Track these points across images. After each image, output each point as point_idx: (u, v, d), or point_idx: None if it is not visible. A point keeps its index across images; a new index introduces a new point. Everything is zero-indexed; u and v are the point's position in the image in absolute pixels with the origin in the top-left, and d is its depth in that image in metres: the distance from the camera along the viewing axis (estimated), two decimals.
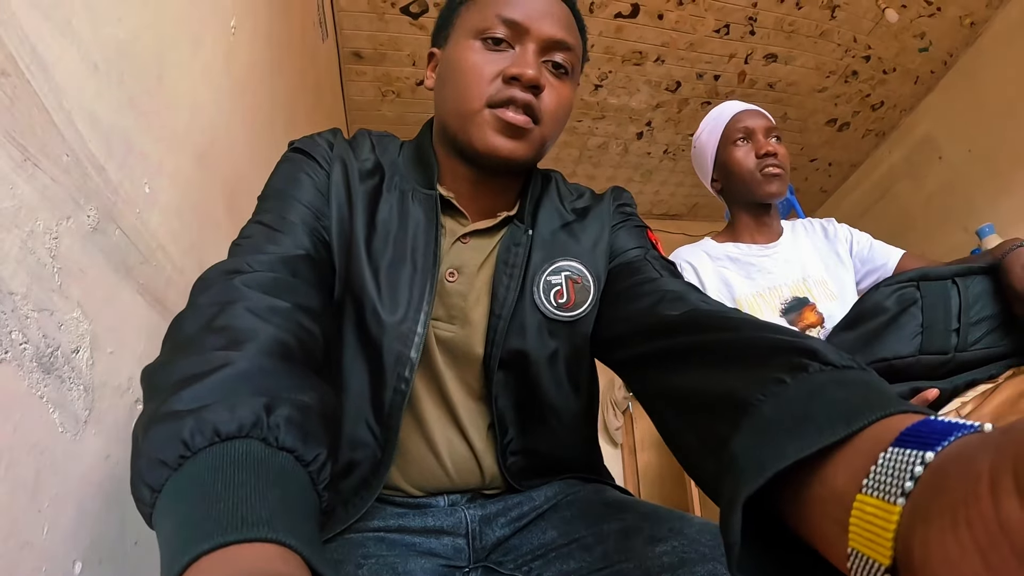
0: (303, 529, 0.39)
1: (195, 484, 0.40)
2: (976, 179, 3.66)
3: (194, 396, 0.43)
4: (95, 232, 0.69)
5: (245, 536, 0.35)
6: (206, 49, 1.10)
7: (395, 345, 0.69)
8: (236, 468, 0.40)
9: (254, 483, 0.39)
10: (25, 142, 0.57)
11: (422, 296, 0.70)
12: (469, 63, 0.72)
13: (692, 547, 0.58)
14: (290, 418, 0.44)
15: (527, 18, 0.72)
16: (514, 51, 0.72)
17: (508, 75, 0.70)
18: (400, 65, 3.42)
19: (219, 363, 0.46)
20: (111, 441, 0.69)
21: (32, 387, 0.55)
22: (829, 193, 5.15)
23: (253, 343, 0.50)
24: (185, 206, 0.96)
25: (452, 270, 0.75)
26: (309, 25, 2.35)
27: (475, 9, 0.75)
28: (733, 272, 1.31)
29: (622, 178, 4.82)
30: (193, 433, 0.41)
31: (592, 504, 0.71)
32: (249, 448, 0.41)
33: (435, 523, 0.70)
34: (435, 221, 0.74)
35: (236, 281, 0.56)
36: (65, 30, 0.64)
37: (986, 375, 0.89)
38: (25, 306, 0.55)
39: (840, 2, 3.39)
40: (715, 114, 1.42)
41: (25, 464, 0.54)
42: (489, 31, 0.72)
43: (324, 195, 0.73)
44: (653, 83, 3.84)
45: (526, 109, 0.71)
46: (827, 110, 4.22)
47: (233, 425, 0.42)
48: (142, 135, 0.82)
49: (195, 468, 0.40)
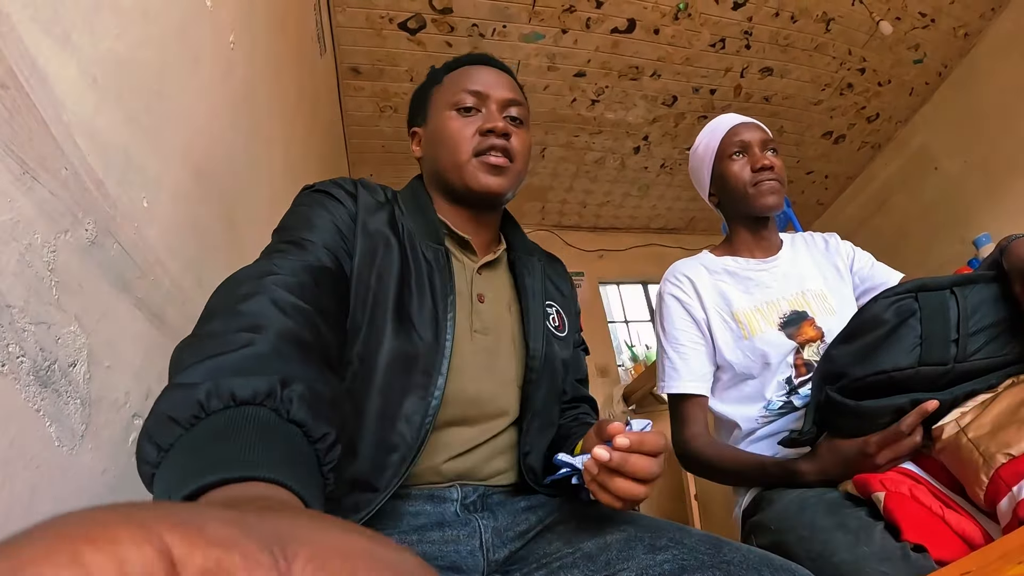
0: (309, 483, 0.40)
1: (205, 436, 0.41)
2: (972, 189, 3.68)
3: (214, 367, 0.46)
4: (93, 246, 0.69)
5: (250, 474, 0.36)
6: (205, 64, 1.11)
7: (430, 358, 0.79)
8: (248, 427, 0.42)
9: (264, 441, 0.41)
10: (24, 155, 0.57)
11: (446, 314, 0.82)
12: (453, 128, 0.93)
13: (691, 555, 0.63)
14: (302, 395, 0.46)
15: (486, 87, 0.96)
16: (482, 113, 0.95)
17: (484, 129, 0.92)
18: (398, 81, 3.44)
19: (241, 343, 0.49)
20: (108, 456, 0.68)
21: (29, 400, 0.55)
22: (826, 206, 5.17)
23: (273, 330, 0.53)
24: (183, 221, 0.96)
25: (480, 294, 0.91)
26: (307, 40, 2.37)
27: (445, 90, 0.98)
28: (731, 286, 1.31)
29: (619, 192, 4.84)
30: (209, 396, 0.43)
31: (594, 516, 0.75)
32: (259, 414, 0.43)
33: (453, 533, 0.74)
34: (446, 262, 0.88)
35: (266, 280, 0.61)
36: (65, 44, 0.65)
37: (985, 385, 0.89)
38: (22, 319, 0.55)
39: (835, 15, 3.42)
40: (711, 127, 1.42)
41: (21, 478, 0.53)
42: (460, 102, 0.95)
43: (351, 223, 0.82)
44: (649, 98, 3.86)
45: (503, 152, 0.92)
46: (823, 123, 4.24)
47: (248, 391, 0.43)
48: (141, 149, 0.82)
49: (207, 425, 0.42)
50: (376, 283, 0.80)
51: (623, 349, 4.88)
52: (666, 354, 1.31)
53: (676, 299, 1.33)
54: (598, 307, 5.05)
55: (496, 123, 0.92)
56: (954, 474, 0.85)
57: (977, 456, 0.78)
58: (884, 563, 0.78)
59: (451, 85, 0.98)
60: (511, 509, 0.81)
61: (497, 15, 3.15)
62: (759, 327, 1.23)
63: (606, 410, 4.13)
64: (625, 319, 5.30)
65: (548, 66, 3.52)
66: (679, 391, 1.27)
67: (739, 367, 1.23)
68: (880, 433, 0.92)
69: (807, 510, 0.95)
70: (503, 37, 3.28)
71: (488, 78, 0.97)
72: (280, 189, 1.70)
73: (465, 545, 0.74)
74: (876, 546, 0.81)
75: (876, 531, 0.84)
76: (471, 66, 1.00)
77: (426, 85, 1.04)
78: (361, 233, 0.82)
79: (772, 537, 0.97)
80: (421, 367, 0.78)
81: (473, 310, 0.89)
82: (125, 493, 0.71)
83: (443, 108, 0.96)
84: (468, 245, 0.95)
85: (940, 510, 0.82)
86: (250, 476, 0.36)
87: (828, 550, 0.85)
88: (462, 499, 0.80)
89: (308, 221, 0.79)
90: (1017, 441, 0.75)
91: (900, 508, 0.83)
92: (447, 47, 3.28)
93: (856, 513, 0.89)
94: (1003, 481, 0.74)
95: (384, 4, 2.99)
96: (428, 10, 3.06)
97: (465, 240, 0.94)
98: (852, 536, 0.85)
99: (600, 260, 5.25)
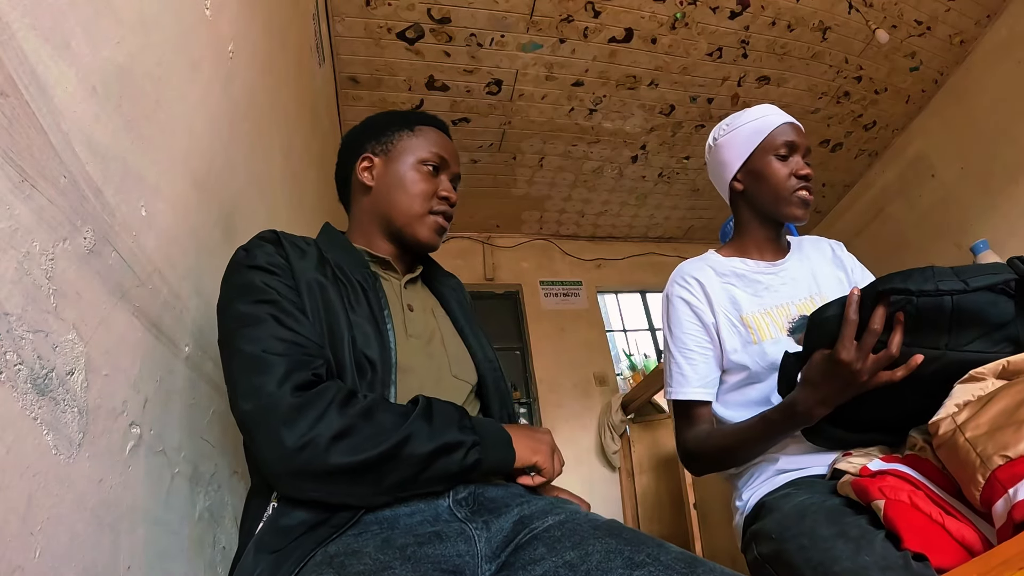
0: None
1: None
2: (969, 196, 3.69)
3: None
4: (91, 254, 0.69)
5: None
6: (204, 73, 1.11)
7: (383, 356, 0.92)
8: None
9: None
10: (23, 163, 0.57)
11: (386, 325, 0.96)
12: (420, 184, 1.08)
13: (666, 573, 0.64)
14: None
15: (450, 158, 1.12)
16: (439, 177, 1.10)
17: (441, 194, 1.09)
18: (396, 90, 3.45)
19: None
20: (105, 465, 0.68)
21: (26, 408, 0.55)
22: (824, 214, 5.18)
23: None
24: (182, 230, 0.96)
25: (409, 304, 1.04)
26: (306, 50, 2.38)
27: (417, 141, 1.10)
28: (739, 289, 1.29)
29: (617, 202, 4.85)
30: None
31: (580, 525, 0.76)
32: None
33: (451, 546, 0.75)
34: (376, 283, 1.01)
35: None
36: (64, 52, 0.65)
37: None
38: (20, 327, 0.55)
39: (831, 24, 3.44)
40: (761, 112, 1.34)
41: (17, 487, 0.53)
42: (430, 161, 1.09)
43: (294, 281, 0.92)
44: (647, 107, 3.88)
45: (448, 217, 1.10)
46: (820, 131, 4.26)
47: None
48: (139, 158, 0.82)
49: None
50: (326, 314, 0.90)
51: (621, 358, 4.88)
52: (674, 359, 1.30)
53: (685, 302, 1.31)
54: (596, 316, 5.05)
55: (452, 194, 1.10)
56: (951, 472, 0.85)
57: (974, 457, 0.78)
58: (886, 572, 0.78)
59: (424, 140, 1.11)
60: (503, 521, 0.82)
61: (495, 25, 3.17)
62: (768, 332, 1.22)
63: (604, 419, 4.12)
64: (623, 328, 5.29)
65: (546, 76, 3.54)
66: (688, 398, 1.26)
67: (746, 371, 1.22)
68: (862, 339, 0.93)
69: (807, 518, 0.94)
70: (501, 47, 3.30)
71: (451, 149, 1.13)
72: (279, 198, 1.70)
73: (464, 557, 0.75)
74: (877, 555, 0.81)
75: (877, 540, 0.83)
76: (440, 131, 1.14)
77: (395, 122, 1.14)
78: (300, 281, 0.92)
79: (773, 546, 0.97)
80: (378, 375, 0.89)
81: (406, 318, 1.01)
82: (123, 502, 0.71)
83: (412, 159, 1.09)
84: (390, 265, 1.07)
85: (940, 517, 0.82)
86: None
87: (829, 559, 0.84)
88: (453, 495, 0.83)
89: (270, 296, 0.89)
90: (1015, 443, 0.74)
91: (901, 517, 0.82)
92: (445, 56, 3.30)
93: (857, 521, 0.89)
94: (999, 483, 0.74)
95: (383, 14, 3.01)
96: (426, 20, 3.08)
97: (387, 261, 1.07)
98: (853, 545, 0.84)
99: (598, 269, 5.26)
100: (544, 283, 5.03)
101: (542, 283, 5.02)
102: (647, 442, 3.75)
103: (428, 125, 1.13)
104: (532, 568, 0.71)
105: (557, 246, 5.22)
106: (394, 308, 1.00)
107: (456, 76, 3.46)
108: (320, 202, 2.31)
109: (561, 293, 5.05)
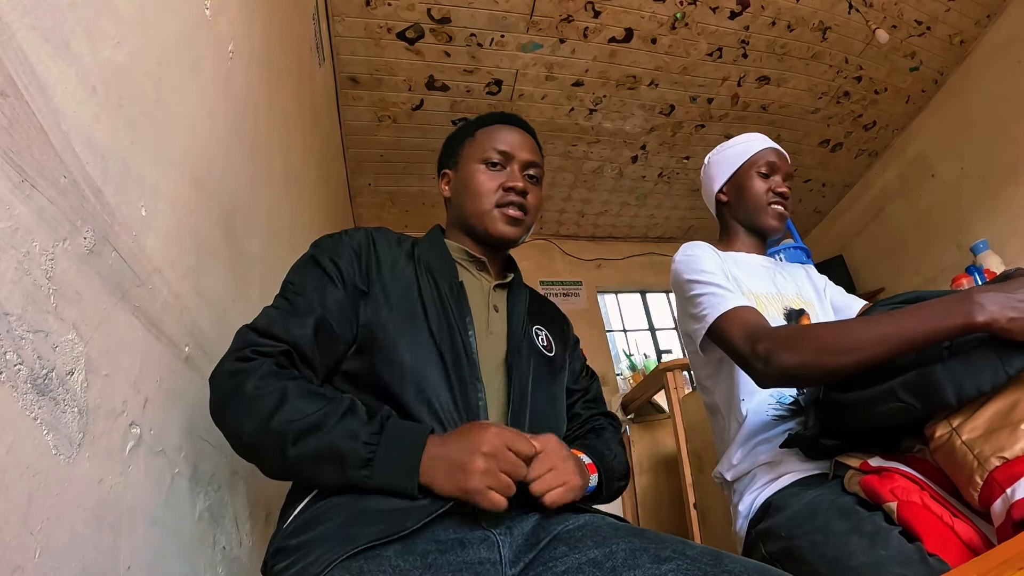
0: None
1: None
2: (969, 196, 3.69)
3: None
4: (91, 254, 0.69)
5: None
6: (204, 73, 1.11)
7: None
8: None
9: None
10: (23, 163, 0.57)
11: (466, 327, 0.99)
12: (481, 180, 1.09)
13: (695, 566, 0.66)
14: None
15: (512, 148, 1.11)
16: (506, 170, 1.10)
17: (506, 186, 1.08)
18: (396, 90, 3.45)
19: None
20: (105, 465, 0.68)
21: (26, 408, 0.55)
22: (823, 214, 5.18)
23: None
24: (182, 230, 0.96)
25: (495, 305, 1.07)
26: (306, 50, 2.38)
27: (476, 144, 1.12)
28: (739, 270, 1.32)
29: (617, 202, 4.85)
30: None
31: (601, 527, 0.78)
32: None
33: (474, 552, 0.75)
34: (461, 290, 1.04)
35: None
36: (64, 52, 0.65)
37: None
38: (20, 327, 0.55)
39: (831, 24, 3.44)
40: (750, 137, 1.47)
41: (17, 487, 0.53)
42: (489, 159, 1.10)
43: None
44: (647, 107, 3.88)
45: (519, 207, 1.08)
46: (820, 131, 4.26)
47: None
48: (139, 158, 0.82)
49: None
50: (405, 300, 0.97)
51: (621, 358, 4.88)
52: (706, 287, 1.20)
53: (705, 251, 1.30)
54: (596, 316, 5.05)
55: (517, 183, 1.08)
56: (948, 475, 0.85)
57: (971, 459, 0.78)
58: (904, 566, 0.78)
59: (482, 141, 1.12)
60: (524, 525, 0.82)
61: (495, 25, 3.17)
62: (767, 313, 1.22)
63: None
64: (623, 328, 5.29)
65: (546, 76, 3.54)
66: (733, 305, 1.13)
67: None
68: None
69: (819, 515, 0.94)
70: (501, 47, 3.30)
71: (514, 139, 1.12)
72: (279, 198, 1.70)
73: (486, 564, 0.75)
74: (893, 550, 0.81)
75: (892, 535, 0.83)
76: (501, 125, 1.14)
77: (459, 135, 1.18)
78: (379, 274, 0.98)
79: (783, 543, 0.97)
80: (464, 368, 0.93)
81: (489, 316, 1.05)
82: (123, 502, 0.71)
83: (473, 161, 1.11)
84: (485, 266, 1.11)
85: (950, 520, 0.82)
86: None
87: (845, 554, 0.85)
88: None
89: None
90: (1011, 444, 0.75)
91: (916, 518, 0.83)
92: (445, 57, 3.30)
93: (871, 517, 0.89)
94: (997, 483, 0.74)
95: (383, 14, 3.01)
96: (426, 20, 3.08)
97: (482, 262, 1.10)
98: (868, 540, 0.84)
99: (598, 269, 5.26)
100: (544, 283, 5.03)
101: (542, 283, 5.02)
102: (647, 442, 3.75)
103: (490, 125, 1.15)
104: (555, 565, 0.72)
105: (557, 246, 5.22)
106: (478, 308, 1.03)
107: (456, 76, 3.46)
108: (320, 202, 2.31)
109: (561, 293, 5.05)
